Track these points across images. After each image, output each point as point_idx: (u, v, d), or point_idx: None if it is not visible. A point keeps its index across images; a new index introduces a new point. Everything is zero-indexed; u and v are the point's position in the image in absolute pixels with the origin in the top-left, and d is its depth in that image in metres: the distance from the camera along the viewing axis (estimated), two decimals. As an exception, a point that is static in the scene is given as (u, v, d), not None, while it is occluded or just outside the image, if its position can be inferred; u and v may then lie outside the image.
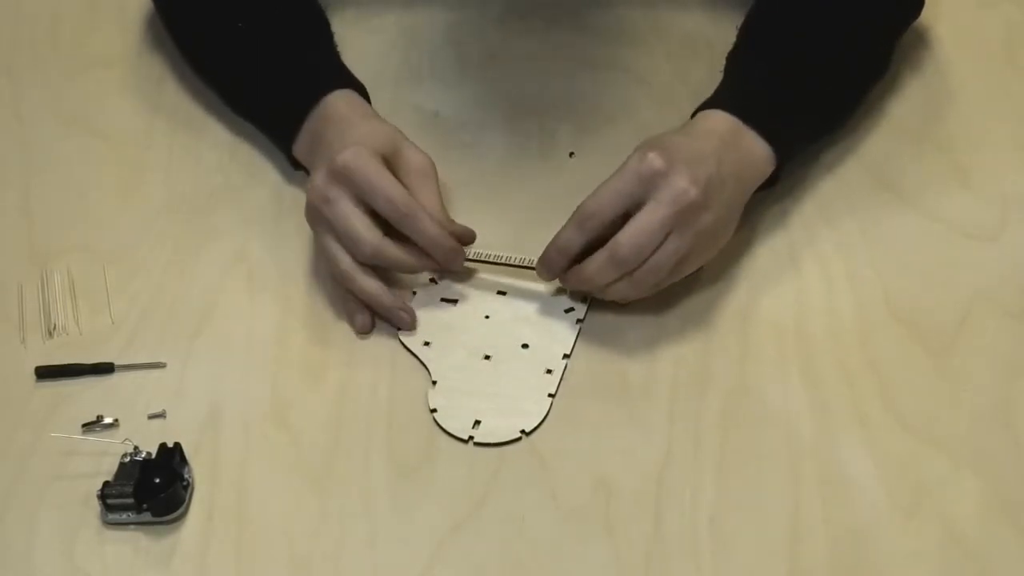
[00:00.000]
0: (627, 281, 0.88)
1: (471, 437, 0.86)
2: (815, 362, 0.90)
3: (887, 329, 0.92)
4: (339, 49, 1.05)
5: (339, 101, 0.97)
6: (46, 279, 0.96)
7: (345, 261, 0.90)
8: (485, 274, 0.95)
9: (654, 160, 0.87)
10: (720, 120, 0.93)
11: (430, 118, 1.07)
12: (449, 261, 0.91)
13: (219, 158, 1.05)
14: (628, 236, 0.86)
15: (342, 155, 0.89)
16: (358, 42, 1.10)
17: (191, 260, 0.97)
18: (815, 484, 0.83)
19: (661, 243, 0.86)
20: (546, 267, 0.91)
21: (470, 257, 0.93)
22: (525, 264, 0.93)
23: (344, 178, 0.89)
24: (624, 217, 0.87)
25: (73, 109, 1.10)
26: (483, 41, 1.13)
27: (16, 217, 1.01)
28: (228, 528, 0.82)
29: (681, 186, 0.86)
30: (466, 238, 0.93)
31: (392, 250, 0.90)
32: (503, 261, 0.94)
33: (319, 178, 0.90)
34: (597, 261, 0.88)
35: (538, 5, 1.15)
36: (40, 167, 1.05)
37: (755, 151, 0.93)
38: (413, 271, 0.93)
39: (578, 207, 0.89)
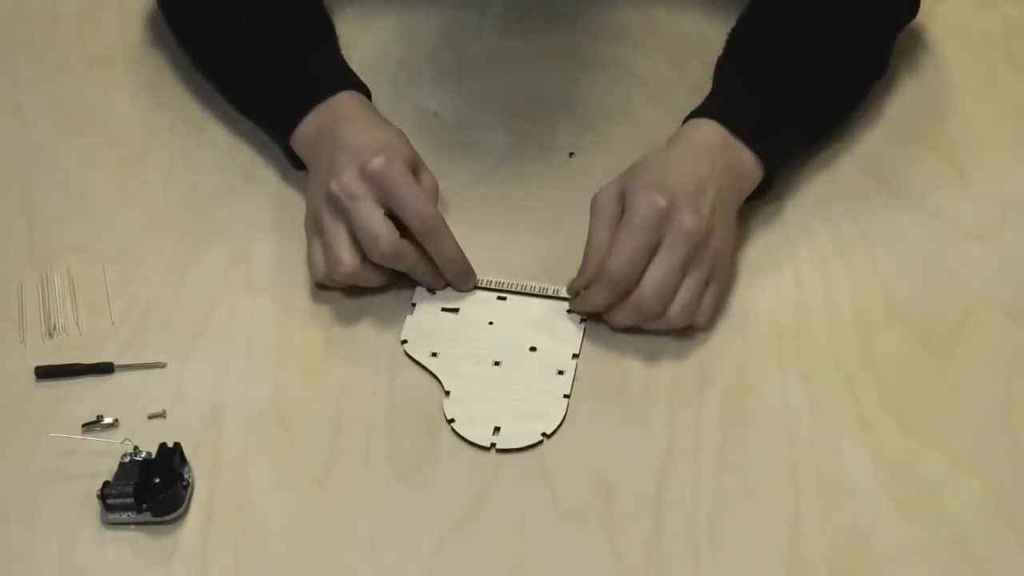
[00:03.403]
0: (662, 323, 0.89)
1: (493, 444, 0.85)
2: (815, 362, 0.90)
3: (887, 329, 0.92)
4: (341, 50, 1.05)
5: (350, 100, 0.97)
6: (46, 279, 0.96)
7: (353, 258, 0.90)
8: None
9: (659, 201, 0.87)
10: (708, 131, 0.93)
11: (430, 118, 1.07)
12: (460, 282, 0.93)
13: (219, 158, 1.05)
14: (648, 286, 0.88)
15: (378, 159, 0.90)
16: (358, 42, 1.10)
17: (191, 260, 0.97)
18: (815, 484, 0.83)
19: (681, 282, 0.88)
20: (577, 314, 0.92)
21: (499, 288, 0.94)
22: (551, 294, 0.93)
23: (375, 181, 0.90)
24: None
25: (73, 109, 1.10)
26: (483, 41, 1.13)
27: (16, 217, 1.01)
28: (228, 528, 0.82)
29: (689, 225, 0.87)
30: None
31: (411, 252, 0.91)
32: (529, 291, 0.93)
33: (347, 175, 0.90)
34: (624, 312, 0.89)
35: (538, 5, 1.15)
36: (40, 167, 1.05)
37: (743, 162, 0.93)
38: (422, 278, 0.93)
39: (603, 270, 0.88)
